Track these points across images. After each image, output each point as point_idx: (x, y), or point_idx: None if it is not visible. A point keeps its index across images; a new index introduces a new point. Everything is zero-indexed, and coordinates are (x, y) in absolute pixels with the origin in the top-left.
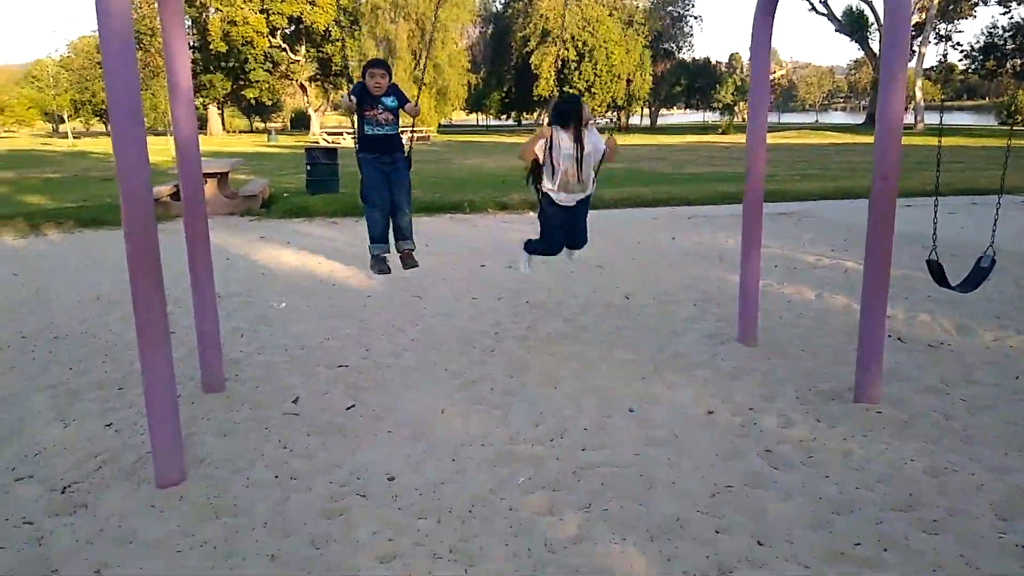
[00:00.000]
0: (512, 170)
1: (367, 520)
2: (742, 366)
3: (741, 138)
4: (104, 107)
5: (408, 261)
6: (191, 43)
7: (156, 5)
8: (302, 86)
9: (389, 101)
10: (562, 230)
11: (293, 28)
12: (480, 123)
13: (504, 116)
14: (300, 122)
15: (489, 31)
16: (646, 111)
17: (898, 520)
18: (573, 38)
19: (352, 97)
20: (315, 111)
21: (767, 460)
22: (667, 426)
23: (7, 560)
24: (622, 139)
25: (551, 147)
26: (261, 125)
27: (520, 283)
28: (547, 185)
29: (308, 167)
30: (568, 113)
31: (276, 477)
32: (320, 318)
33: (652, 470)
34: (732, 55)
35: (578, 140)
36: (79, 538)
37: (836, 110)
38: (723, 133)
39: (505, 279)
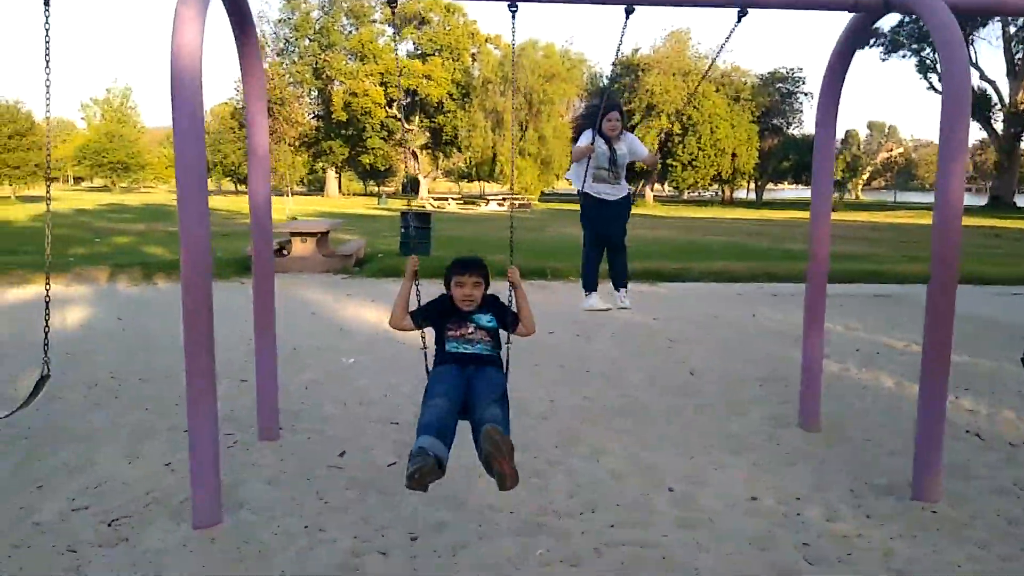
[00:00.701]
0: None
1: (376, 574)
2: (798, 452)
3: (850, 215)
4: (234, 167)
5: (496, 445)
6: (316, 112)
7: (285, 77)
8: (414, 153)
9: (486, 319)
10: (602, 223)
11: (409, 100)
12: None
13: None
14: (412, 186)
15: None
16: (752, 185)
17: None
18: (678, 112)
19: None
20: (424, 177)
21: (802, 553)
22: (706, 509)
23: None
24: (726, 212)
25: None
26: (375, 188)
27: (585, 353)
28: (588, 183)
29: (402, 229)
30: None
31: (306, 527)
32: (384, 374)
33: (678, 553)
34: (848, 132)
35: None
36: (113, 570)
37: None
38: (832, 210)
39: (570, 347)
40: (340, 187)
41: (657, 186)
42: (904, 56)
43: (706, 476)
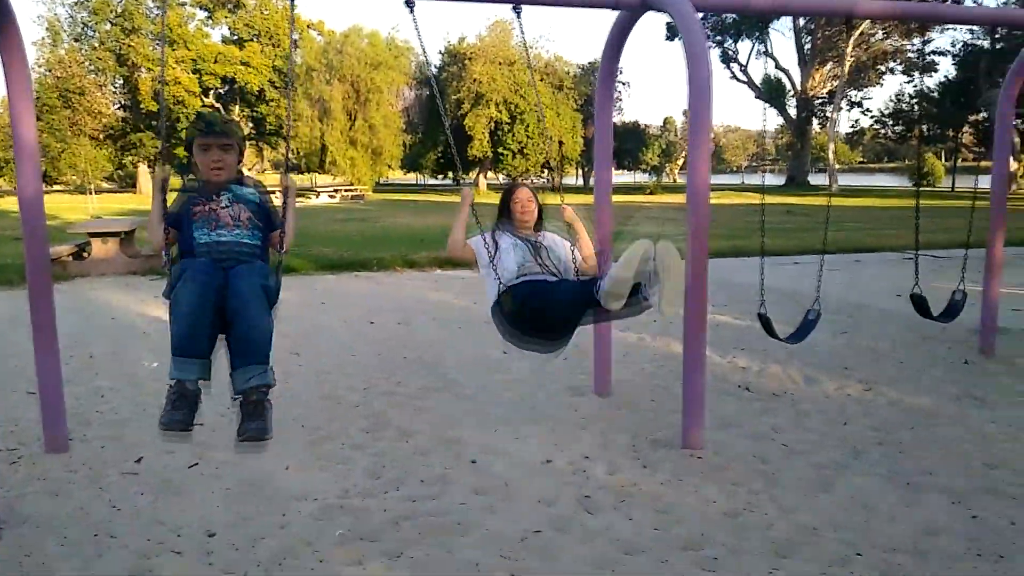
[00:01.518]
0: (429, 229)
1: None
2: (591, 416)
3: (669, 198)
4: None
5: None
6: (122, 102)
7: (86, 64)
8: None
9: (248, 192)
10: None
11: (227, 88)
12: (419, 182)
13: (440, 176)
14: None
15: (424, 93)
16: (579, 172)
17: (681, 559)
18: (506, 101)
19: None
20: (249, 169)
21: (584, 505)
22: (502, 475)
23: None
24: (555, 198)
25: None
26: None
27: (404, 340)
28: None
29: None
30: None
31: (95, 536)
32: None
33: (471, 517)
34: (666, 119)
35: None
36: None
37: (765, 171)
38: (651, 193)
39: (389, 336)
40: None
41: (491, 174)
42: (709, 47)
43: (506, 446)
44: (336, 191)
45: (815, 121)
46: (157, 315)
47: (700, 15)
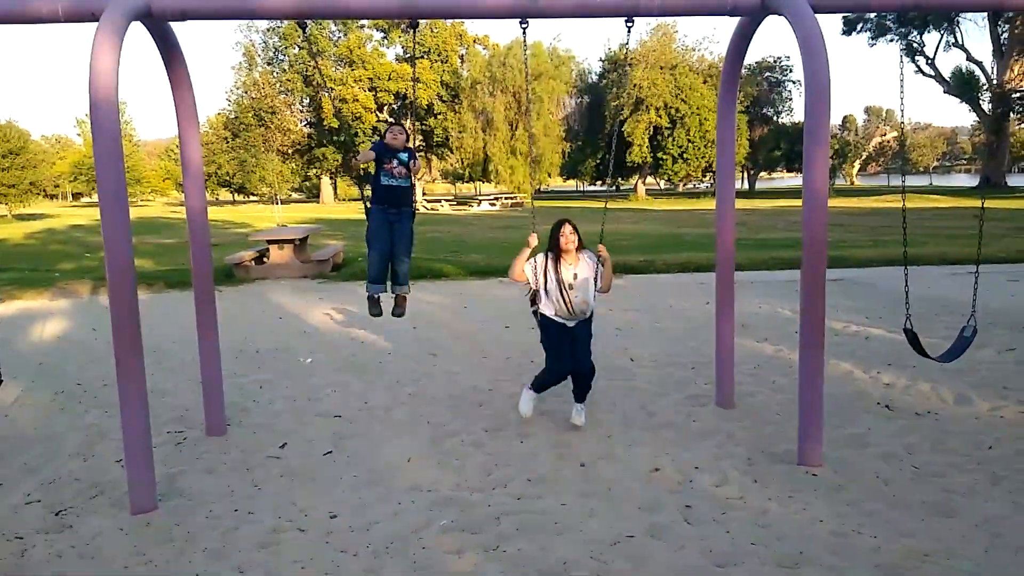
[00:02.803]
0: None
1: (294, 551)
2: (710, 428)
3: (841, 202)
4: (228, 177)
5: (400, 310)
6: (307, 120)
7: (276, 85)
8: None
9: (404, 156)
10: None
11: (399, 104)
12: (578, 189)
13: (599, 182)
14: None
15: (584, 101)
16: (745, 175)
17: (774, 575)
18: (666, 105)
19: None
20: (418, 179)
21: (683, 515)
22: (607, 480)
23: None
24: (713, 203)
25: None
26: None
27: (534, 345)
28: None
29: None
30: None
31: (236, 511)
32: (337, 372)
33: (570, 518)
34: (846, 117)
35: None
36: (52, 552)
37: (961, 172)
38: None
39: (521, 340)
40: (336, 193)
41: (651, 179)
42: (891, 40)
43: (617, 452)
44: (496, 199)
45: (1013, 116)
46: (319, 316)
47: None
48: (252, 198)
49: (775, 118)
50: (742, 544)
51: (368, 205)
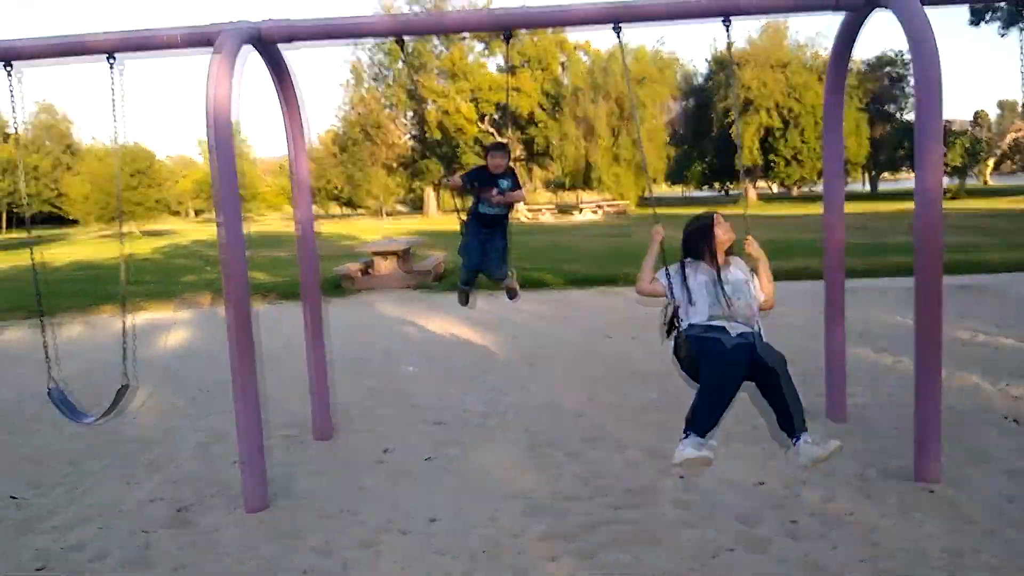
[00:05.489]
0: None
1: (395, 551)
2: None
3: (972, 203)
4: (337, 191)
5: (512, 291)
6: (410, 133)
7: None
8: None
9: (504, 183)
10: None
11: (500, 114)
12: (684, 195)
13: (706, 187)
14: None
15: (690, 104)
16: (866, 177)
17: None
18: (778, 106)
19: (463, 179)
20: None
21: (787, 529)
22: (707, 492)
23: (117, 558)
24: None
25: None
26: None
27: (636, 355)
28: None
29: None
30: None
31: (341, 511)
32: (438, 380)
33: (667, 530)
34: (977, 113)
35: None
36: (174, 545)
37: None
38: (952, 198)
39: (622, 350)
40: (439, 204)
41: (762, 183)
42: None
43: (719, 464)
44: (599, 207)
45: None
46: (421, 325)
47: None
48: (360, 211)
49: (898, 115)
50: (849, 560)
51: (463, 219)
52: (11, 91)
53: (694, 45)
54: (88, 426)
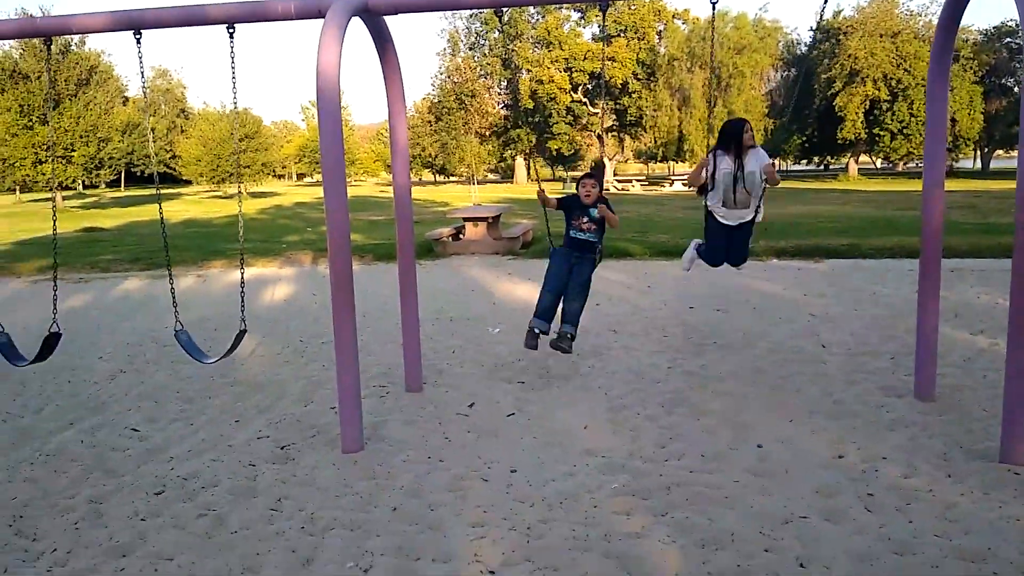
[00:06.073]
0: (780, 217)
1: (478, 496)
2: (903, 419)
3: None
4: (431, 159)
5: (562, 344)
6: (503, 102)
7: (477, 69)
8: (599, 136)
9: (594, 212)
10: (722, 247)
11: (593, 83)
12: (780, 169)
13: (805, 161)
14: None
15: (791, 74)
16: (978, 154)
17: (955, 567)
18: (886, 76)
19: (558, 203)
20: (609, 160)
21: (863, 502)
22: (785, 462)
23: (227, 487)
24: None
25: (713, 169)
26: (564, 174)
27: (718, 326)
28: (710, 202)
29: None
30: (729, 135)
31: (429, 458)
32: (521, 342)
33: (741, 494)
34: None
35: (738, 160)
36: (277, 479)
37: None
38: None
39: (704, 321)
40: (528, 173)
41: (865, 157)
42: None
43: (798, 437)
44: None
45: None
46: (507, 290)
47: None
48: (452, 178)
49: (1016, 89)
50: (924, 534)
51: (552, 246)
52: (139, 56)
53: (798, 12)
54: (206, 365)
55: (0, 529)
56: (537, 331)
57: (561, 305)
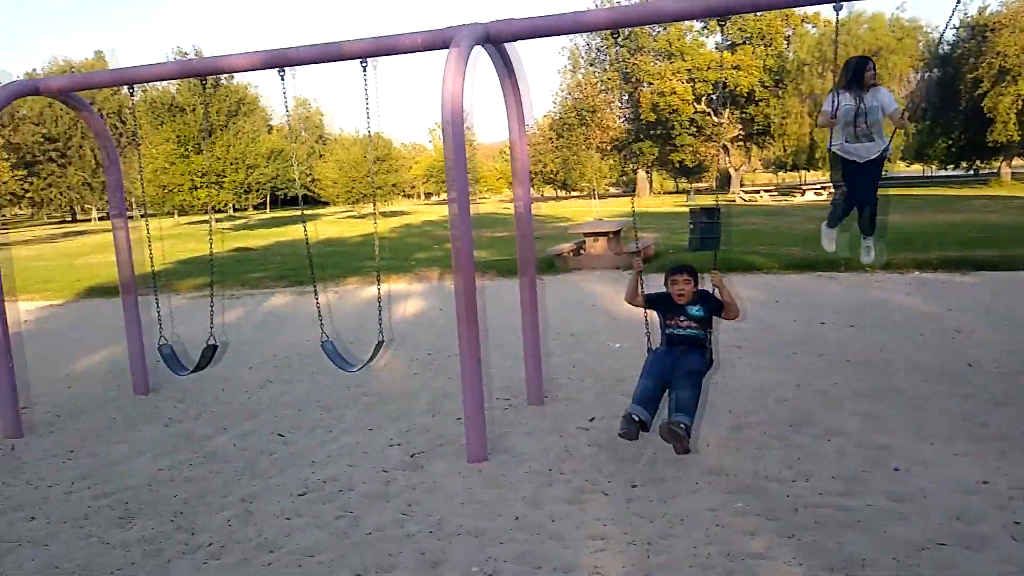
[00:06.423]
0: (919, 226)
1: (597, 509)
2: None
3: None
4: (552, 175)
5: (675, 432)
6: (625, 116)
7: (597, 86)
8: (724, 147)
9: (694, 310)
10: (853, 189)
11: (718, 93)
12: (924, 174)
13: (951, 166)
14: (723, 181)
15: (933, 75)
16: None
17: None
18: None
19: (647, 300)
20: (735, 170)
21: (1009, 530)
22: (923, 487)
23: (362, 491)
24: None
25: (836, 105)
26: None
27: (851, 343)
28: (835, 143)
29: (690, 225)
30: (852, 73)
31: (549, 470)
32: (641, 358)
33: (874, 519)
34: None
35: (859, 96)
36: (407, 485)
37: None
38: None
39: (837, 337)
40: (651, 187)
41: (1019, 161)
42: None
43: (939, 460)
44: (824, 188)
45: None
46: (628, 306)
47: None
48: (573, 194)
49: None
50: None
51: (651, 347)
52: (283, 90)
53: (940, 10)
54: (343, 376)
55: (164, 523)
56: (637, 418)
57: (670, 393)
